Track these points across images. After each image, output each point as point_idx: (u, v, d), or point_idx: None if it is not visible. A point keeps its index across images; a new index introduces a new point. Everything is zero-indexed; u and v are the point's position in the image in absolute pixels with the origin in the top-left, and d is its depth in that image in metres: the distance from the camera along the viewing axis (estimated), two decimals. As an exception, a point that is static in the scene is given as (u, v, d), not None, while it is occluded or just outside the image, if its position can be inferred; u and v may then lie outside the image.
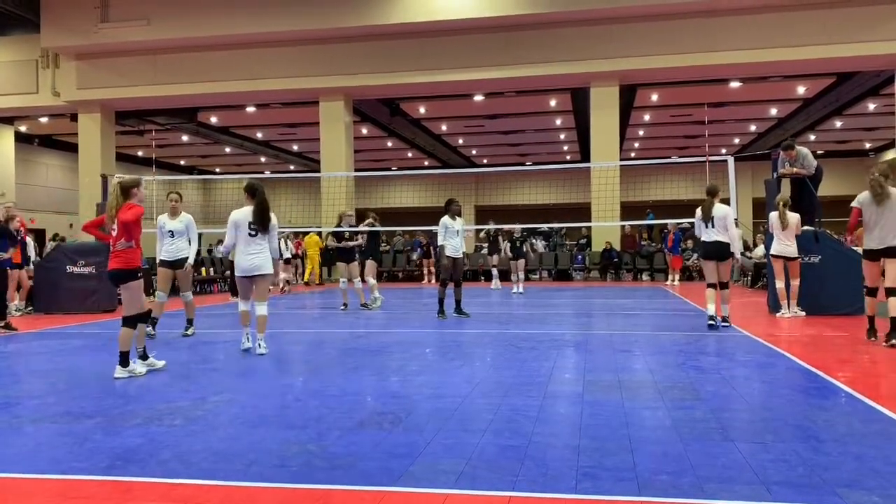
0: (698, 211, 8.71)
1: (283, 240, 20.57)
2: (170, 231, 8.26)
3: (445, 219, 10.28)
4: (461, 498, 2.93)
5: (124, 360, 5.83)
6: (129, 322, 5.90)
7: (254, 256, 7.00)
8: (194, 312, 8.66)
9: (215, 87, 20.78)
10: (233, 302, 14.67)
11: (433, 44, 19.74)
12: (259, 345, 6.99)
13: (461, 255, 10.47)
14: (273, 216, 7.21)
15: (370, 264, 12.40)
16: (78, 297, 11.97)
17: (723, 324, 8.67)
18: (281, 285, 17.23)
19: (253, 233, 7.01)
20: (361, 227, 12.22)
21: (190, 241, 8.31)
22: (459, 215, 10.48)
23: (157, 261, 8.42)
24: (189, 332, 8.48)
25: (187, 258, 8.24)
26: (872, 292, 7.38)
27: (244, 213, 7.08)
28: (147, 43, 20.42)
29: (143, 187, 6.14)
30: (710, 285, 8.71)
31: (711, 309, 8.72)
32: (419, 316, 10.97)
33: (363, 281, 12.30)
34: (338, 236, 12.20)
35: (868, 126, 28.36)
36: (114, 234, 5.96)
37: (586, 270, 23.00)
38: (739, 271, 18.38)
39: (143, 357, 6.06)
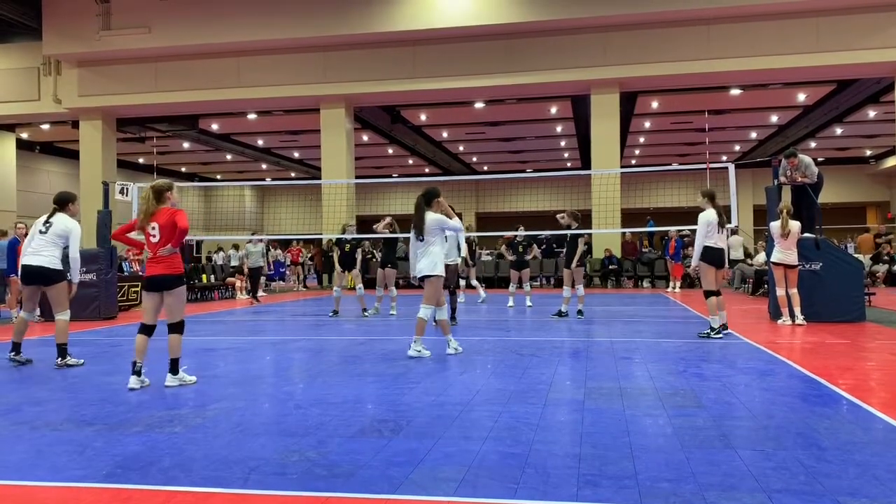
0: (713, 215, 8.44)
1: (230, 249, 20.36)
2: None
3: None
4: (462, 506, 2.93)
5: (175, 367, 5.71)
6: (179, 328, 5.79)
7: (419, 259, 7.29)
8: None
9: (216, 94, 20.85)
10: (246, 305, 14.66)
11: (434, 51, 19.81)
12: (412, 346, 7.16)
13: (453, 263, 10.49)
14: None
15: (390, 272, 12.39)
16: (79, 304, 11.92)
17: (724, 331, 8.64)
18: (242, 295, 17.25)
19: (420, 238, 7.27)
20: (385, 235, 12.21)
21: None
22: None
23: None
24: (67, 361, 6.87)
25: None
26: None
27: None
28: (148, 50, 20.51)
29: (176, 190, 5.96)
30: (717, 293, 8.52)
31: (724, 316, 8.68)
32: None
33: (386, 288, 12.40)
34: (340, 246, 12.22)
35: (868, 133, 28.42)
36: (152, 239, 5.76)
37: (587, 277, 22.97)
38: (740, 278, 18.38)
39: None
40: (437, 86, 20.00)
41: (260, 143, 29.96)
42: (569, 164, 35.51)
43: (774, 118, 26.02)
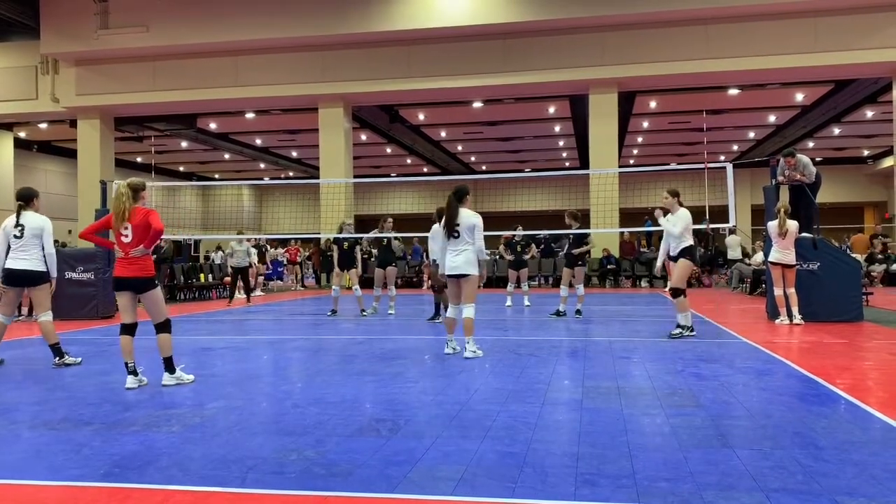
0: (688, 213, 8.51)
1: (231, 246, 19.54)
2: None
3: (438, 227, 10.26)
4: (460, 505, 2.93)
5: (170, 366, 5.67)
6: (165, 327, 5.72)
7: (453, 257, 7.20)
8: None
9: (214, 93, 20.84)
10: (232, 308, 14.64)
11: (432, 51, 19.81)
12: (467, 348, 7.01)
13: None
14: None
15: (391, 271, 12.36)
16: (77, 303, 11.95)
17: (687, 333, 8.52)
18: (240, 294, 16.74)
19: (454, 235, 7.26)
20: (379, 234, 12.15)
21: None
22: None
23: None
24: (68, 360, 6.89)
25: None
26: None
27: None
28: (146, 49, 20.49)
29: (148, 190, 5.86)
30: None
31: (688, 318, 8.62)
32: (418, 323, 10.96)
33: (385, 287, 12.37)
34: (338, 245, 12.22)
35: (866, 133, 28.46)
36: (124, 239, 5.57)
37: (586, 277, 22.97)
38: (738, 278, 18.39)
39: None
40: (435, 85, 20.00)
41: (258, 142, 29.95)
42: (567, 164, 35.52)
43: (772, 118, 26.04)
